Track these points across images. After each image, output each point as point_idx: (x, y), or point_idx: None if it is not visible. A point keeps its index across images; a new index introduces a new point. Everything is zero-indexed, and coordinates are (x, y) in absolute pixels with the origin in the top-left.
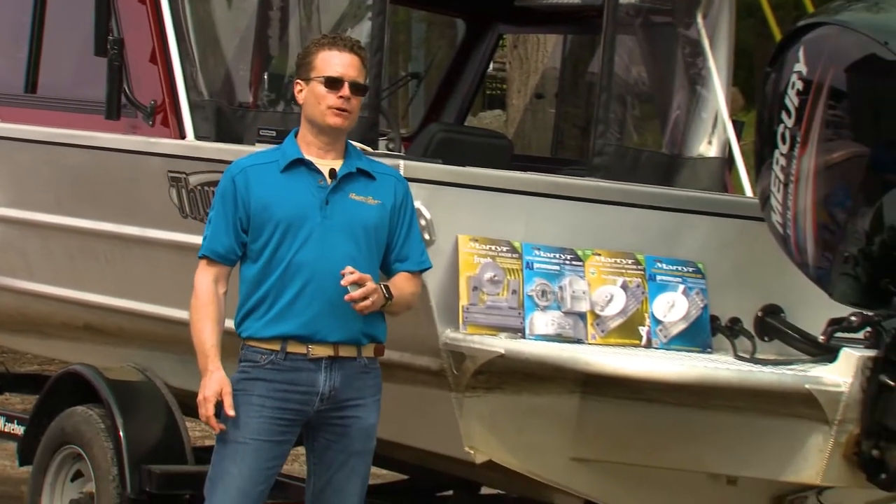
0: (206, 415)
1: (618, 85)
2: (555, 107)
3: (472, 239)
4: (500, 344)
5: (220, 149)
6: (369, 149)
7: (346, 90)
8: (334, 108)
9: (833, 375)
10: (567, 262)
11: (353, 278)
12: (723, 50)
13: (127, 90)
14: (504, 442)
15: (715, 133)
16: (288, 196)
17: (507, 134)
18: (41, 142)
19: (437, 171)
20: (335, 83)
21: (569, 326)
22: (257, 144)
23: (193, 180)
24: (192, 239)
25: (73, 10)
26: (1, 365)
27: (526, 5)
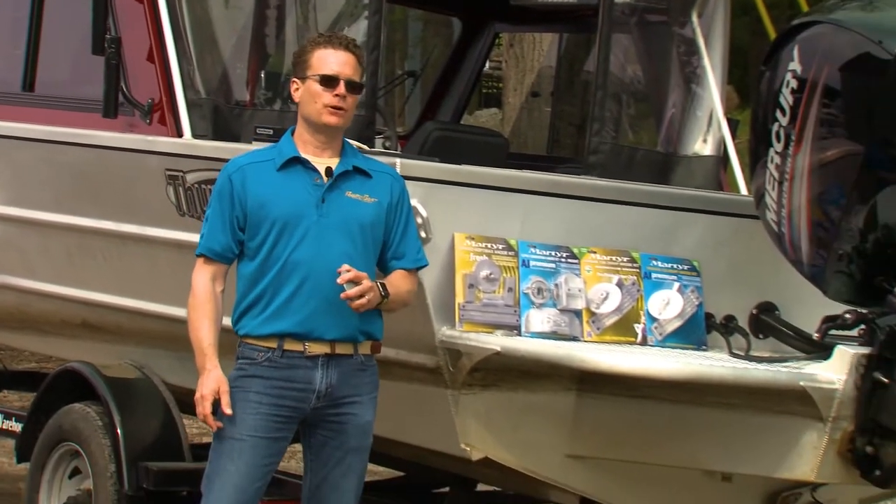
0: (203, 413)
1: (613, 83)
2: (550, 105)
3: (469, 237)
4: (496, 341)
5: (217, 147)
6: (366, 147)
7: (342, 88)
8: (330, 106)
9: (827, 373)
10: (563, 259)
11: (349, 276)
12: (718, 48)
13: (124, 88)
14: (500, 439)
15: (710, 131)
16: (284, 194)
17: (503, 132)
18: (39, 140)
19: (434, 169)
20: (331, 81)
21: (564, 324)
22: (254, 143)
23: (190, 178)
24: (189, 237)
25: (71, 8)
26: None
27: (522, 4)
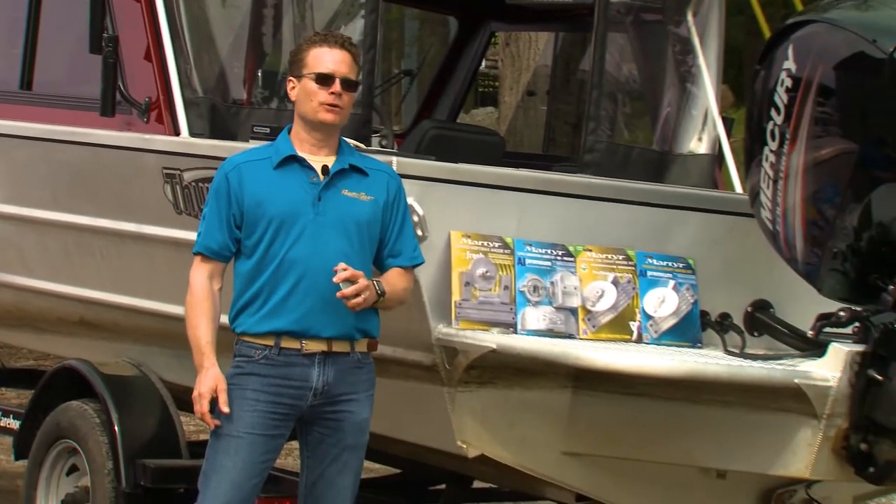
0: (201, 411)
1: (609, 82)
2: (546, 104)
3: (465, 235)
4: (492, 339)
5: (214, 145)
6: (363, 145)
7: (338, 86)
8: (326, 104)
9: (822, 370)
10: (558, 257)
11: (345, 275)
12: (713, 47)
13: (122, 87)
14: (496, 436)
15: (705, 130)
16: (281, 193)
17: (499, 131)
18: (37, 138)
19: (430, 167)
20: (326, 79)
21: (560, 322)
22: (251, 141)
23: (188, 177)
24: (186, 235)
25: (69, 7)
26: None
27: (518, 3)
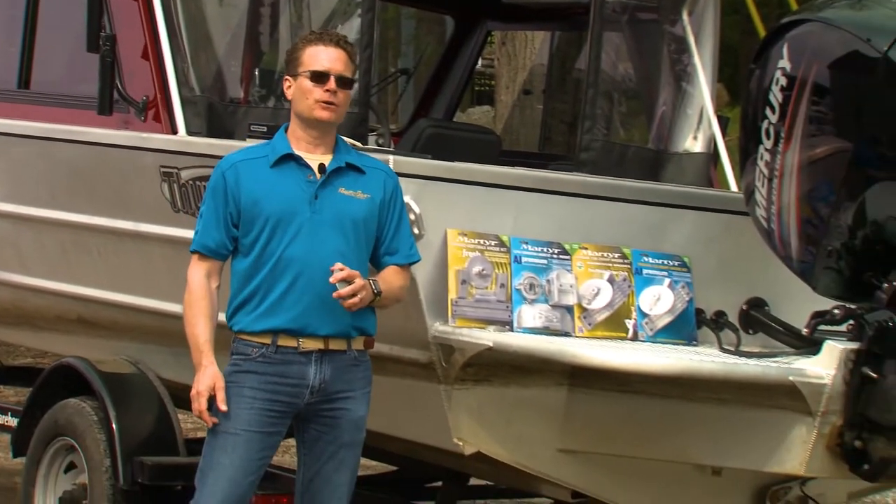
0: (199, 409)
1: (604, 81)
2: (542, 103)
3: (461, 233)
4: (488, 337)
5: (211, 144)
6: (359, 144)
7: (332, 83)
8: (321, 101)
9: (816, 368)
10: (554, 255)
11: (341, 275)
12: (708, 47)
13: (119, 86)
14: (492, 433)
15: (700, 129)
16: (277, 191)
17: (495, 129)
18: (34, 137)
19: (427, 166)
20: (321, 77)
21: (556, 319)
22: (248, 140)
23: (185, 175)
24: (184, 233)
25: (66, 6)
26: None
27: (514, 3)
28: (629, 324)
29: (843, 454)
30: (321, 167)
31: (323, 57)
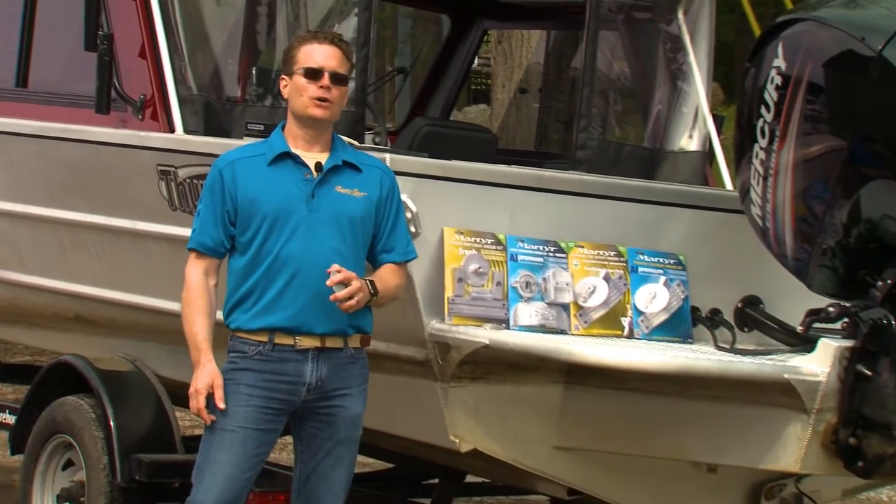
0: (197, 407)
1: (600, 80)
2: (538, 101)
3: (458, 231)
4: (484, 335)
5: (208, 143)
6: (356, 143)
7: (326, 80)
8: (315, 98)
9: (811, 365)
10: (550, 254)
11: (338, 278)
12: (703, 45)
13: (117, 84)
14: (489, 431)
15: (696, 127)
16: (274, 189)
17: (491, 128)
18: (32, 135)
19: (423, 164)
20: (315, 74)
21: (552, 317)
22: (245, 138)
23: (182, 174)
24: (181, 231)
25: (64, 5)
26: None
27: (510, 1)
28: (625, 322)
29: (837, 451)
30: (318, 165)
31: (317, 54)
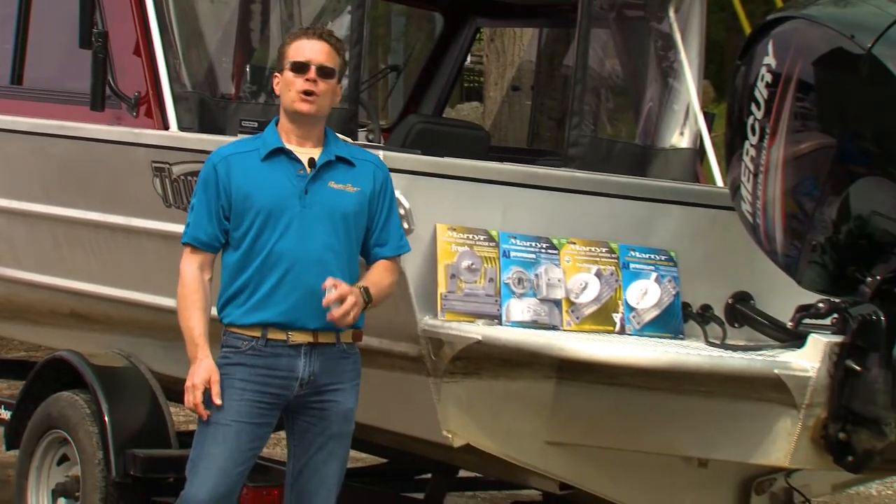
0: (193, 402)
1: (592, 78)
2: (531, 99)
3: (450, 228)
4: (477, 330)
5: (202, 140)
6: (350, 140)
7: (313, 73)
8: (301, 92)
9: (801, 361)
10: (543, 250)
11: (333, 296)
12: (694, 43)
13: (111, 82)
14: (481, 426)
15: (687, 124)
16: (268, 185)
17: (484, 125)
18: (27, 132)
19: (416, 161)
20: (302, 67)
21: (544, 313)
22: (239, 135)
23: (177, 170)
24: (175, 228)
25: (59, 2)
26: None
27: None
28: (616, 317)
29: (827, 446)
30: (311, 161)
31: (306, 49)
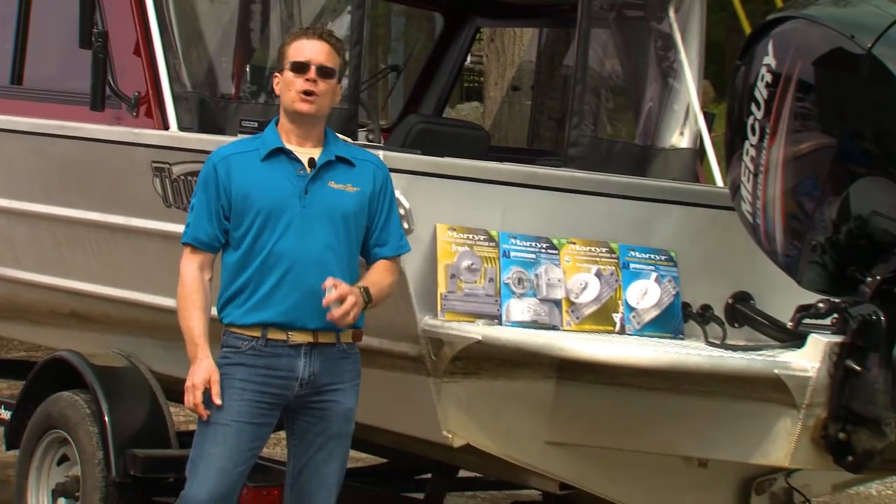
0: (194, 402)
1: (592, 78)
2: (531, 99)
3: (450, 228)
4: (477, 330)
5: (202, 140)
6: (350, 140)
7: (313, 73)
8: (301, 92)
9: (801, 361)
10: (543, 250)
11: (333, 297)
12: (694, 43)
13: (111, 82)
14: (481, 426)
15: (687, 124)
16: (268, 185)
17: (484, 125)
18: (27, 132)
19: (416, 161)
20: (302, 67)
21: (544, 313)
22: (239, 135)
23: (176, 170)
24: (175, 228)
25: (59, 3)
26: None
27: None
28: (616, 317)
29: (827, 446)
30: (311, 161)
31: (306, 49)
